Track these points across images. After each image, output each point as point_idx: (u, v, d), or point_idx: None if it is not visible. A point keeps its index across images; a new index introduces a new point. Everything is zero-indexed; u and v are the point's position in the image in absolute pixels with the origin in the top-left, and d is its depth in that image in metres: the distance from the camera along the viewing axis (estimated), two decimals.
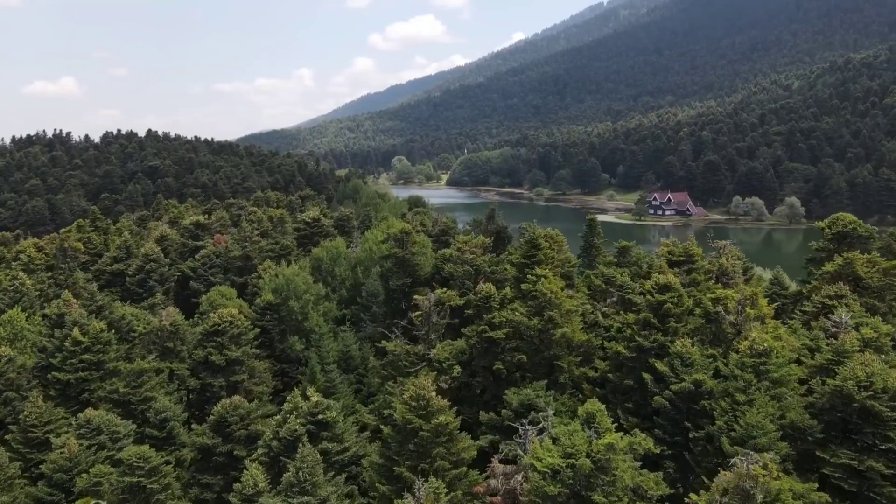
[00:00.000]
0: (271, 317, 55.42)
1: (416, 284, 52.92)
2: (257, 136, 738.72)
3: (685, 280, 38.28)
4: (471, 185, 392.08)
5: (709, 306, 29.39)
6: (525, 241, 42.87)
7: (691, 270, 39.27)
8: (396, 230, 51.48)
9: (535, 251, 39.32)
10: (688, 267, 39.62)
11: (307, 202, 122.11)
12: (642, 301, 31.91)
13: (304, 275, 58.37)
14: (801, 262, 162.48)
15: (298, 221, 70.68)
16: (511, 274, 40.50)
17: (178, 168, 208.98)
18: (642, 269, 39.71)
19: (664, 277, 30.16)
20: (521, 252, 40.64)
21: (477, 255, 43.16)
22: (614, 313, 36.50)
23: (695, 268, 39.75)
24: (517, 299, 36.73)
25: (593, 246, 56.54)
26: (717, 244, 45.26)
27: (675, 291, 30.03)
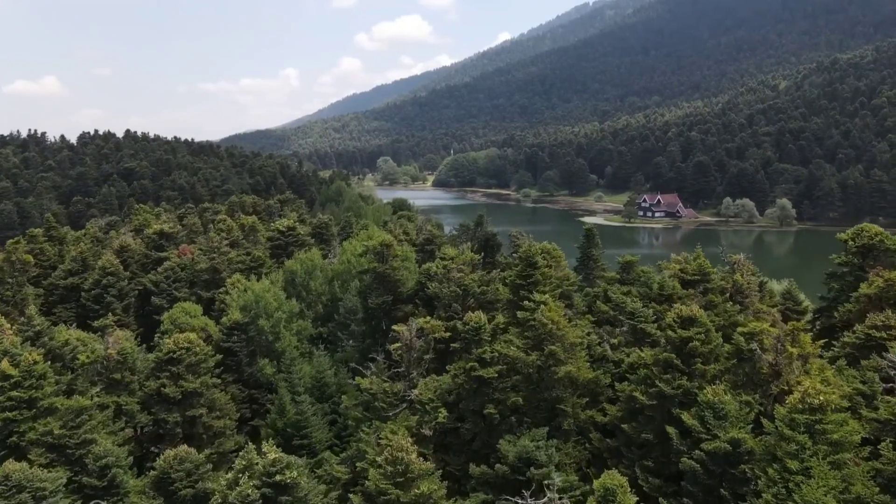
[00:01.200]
0: (239, 337, 50.29)
1: (397, 302, 48.08)
2: (242, 136, 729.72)
3: (701, 302, 33.79)
4: (457, 186, 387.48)
5: (741, 343, 25.01)
6: (519, 257, 38.16)
7: (707, 290, 34.86)
8: (376, 242, 46.56)
9: (531, 270, 34.69)
10: (703, 287, 35.20)
11: (286, 206, 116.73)
12: (661, 335, 27.26)
13: (276, 290, 53.29)
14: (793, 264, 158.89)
15: (272, 230, 65.55)
16: (504, 296, 35.88)
17: (154, 170, 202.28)
18: (652, 289, 35.27)
19: (687, 308, 25.69)
20: (515, 271, 35.96)
21: (465, 274, 38.43)
22: (624, 344, 31.92)
23: (710, 287, 35.32)
24: (511, 325, 32.08)
25: (591, 258, 52.03)
26: (730, 258, 40.81)
27: (701, 326, 25.51)
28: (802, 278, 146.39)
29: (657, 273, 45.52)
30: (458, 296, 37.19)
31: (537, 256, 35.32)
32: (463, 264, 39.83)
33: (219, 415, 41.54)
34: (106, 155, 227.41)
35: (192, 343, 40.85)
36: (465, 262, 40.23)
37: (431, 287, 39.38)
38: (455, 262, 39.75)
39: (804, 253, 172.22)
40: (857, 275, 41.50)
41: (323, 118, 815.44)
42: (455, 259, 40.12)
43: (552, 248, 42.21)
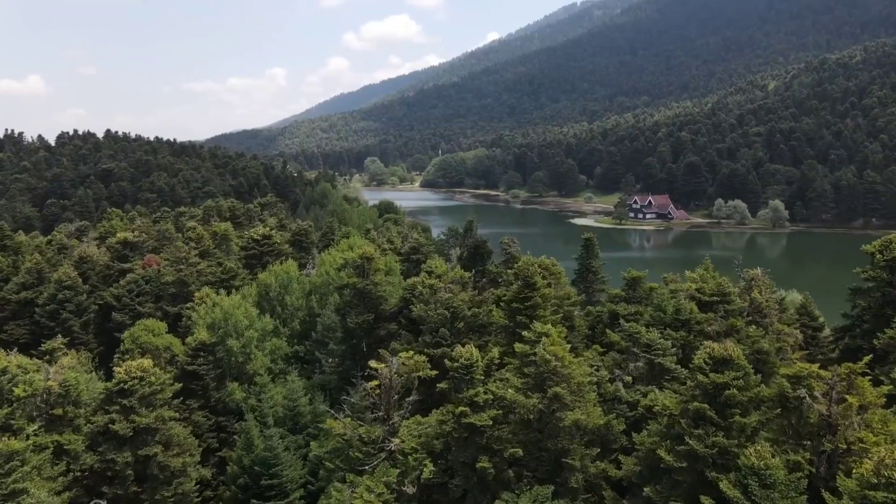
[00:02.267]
0: (205, 359, 45.68)
1: (380, 320, 43.74)
2: (228, 136, 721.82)
3: (722, 327, 29.80)
4: (445, 186, 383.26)
5: (786, 388, 21.02)
6: (515, 273, 33.95)
7: (727, 314, 30.90)
8: (355, 255, 42.18)
9: (530, 292, 30.54)
10: (723, 309, 31.24)
11: (267, 210, 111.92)
12: (687, 375, 23.10)
13: (247, 306, 48.75)
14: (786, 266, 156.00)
15: (246, 238, 60.86)
16: (499, 320, 31.70)
17: (134, 171, 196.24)
18: (667, 313, 31.22)
19: (721, 348, 21.62)
20: (512, 292, 31.75)
21: (454, 294, 34.19)
22: (639, 381, 27.82)
23: (731, 310, 31.35)
24: (508, 358, 27.86)
25: (591, 269, 47.98)
26: (747, 273, 36.84)
27: (738, 369, 21.42)
28: (800, 281, 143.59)
29: (663, 287, 41.47)
30: (445, 319, 32.96)
31: (536, 276, 31.15)
32: (451, 282, 35.59)
33: (177, 451, 36.90)
34: (84, 156, 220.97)
35: (147, 371, 36.23)
36: (454, 280, 36.00)
37: (416, 309, 35.09)
38: (442, 280, 35.50)
39: (798, 255, 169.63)
40: (884, 291, 37.64)
41: (310, 118, 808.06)
42: (442, 277, 35.87)
43: (551, 264, 38.04)
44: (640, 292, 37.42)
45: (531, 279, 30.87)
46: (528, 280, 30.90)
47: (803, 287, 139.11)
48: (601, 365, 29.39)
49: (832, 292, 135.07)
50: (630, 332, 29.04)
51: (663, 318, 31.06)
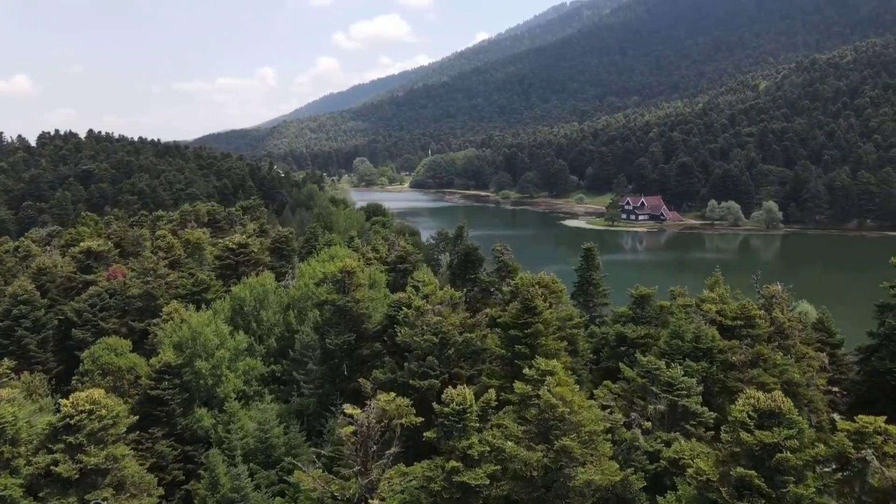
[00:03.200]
0: (170, 383, 41.68)
1: (362, 340, 39.85)
2: (216, 136, 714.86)
3: (748, 357, 26.29)
4: (435, 187, 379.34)
5: (847, 448, 17.53)
6: (511, 292, 30.21)
7: (753, 339, 27.41)
8: (335, 269, 38.32)
9: (530, 317, 26.88)
10: (747, 334, 27.74)
11: (249, 214, 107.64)
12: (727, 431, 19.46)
13: (218, 323, 44.76)
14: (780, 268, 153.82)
15: (220, 247, 56.68)
16: (495, 349, 28.02)
17: (115, 172, 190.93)
18: (684, 339, 27.60)
19: (767, 398, 18.00)
20: (510, 316, 28.04)
21: (444, 318, 30.41)
22: (659, 425, 24.23)
23: (756, 335, 27.84)
24: (505, 390, 24.16)
25: (591, 282, 44.34)
26: (766, 290, 33.31)
27: (791, 425, 17.77)
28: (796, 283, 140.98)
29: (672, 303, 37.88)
30: (434, 346, 29.21)
31: (537, 299, 27.45)
32: (440, 303, 31.81)
33: (132, 494, 32.86)
34: (64, 156, 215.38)
35: (97, 403, 32.12)
36: (443, 301, 32.21)
37: (401, 334, 31.28)
38: (430, 300, 31.72)
39: (792, 257, 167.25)
40: None
41: (299, 118, 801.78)
42: (430, 297, 32.10)
43: (551, 281, 34.34)
44: (650, 311, 33.82)
45: (531, 302, 27.18)
46: (528, 303, 27.22)
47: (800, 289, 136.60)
48: (614, 405, 25.75)
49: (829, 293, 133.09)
50: (648, 368, 25.45)
51: (681, 346, 27.46)
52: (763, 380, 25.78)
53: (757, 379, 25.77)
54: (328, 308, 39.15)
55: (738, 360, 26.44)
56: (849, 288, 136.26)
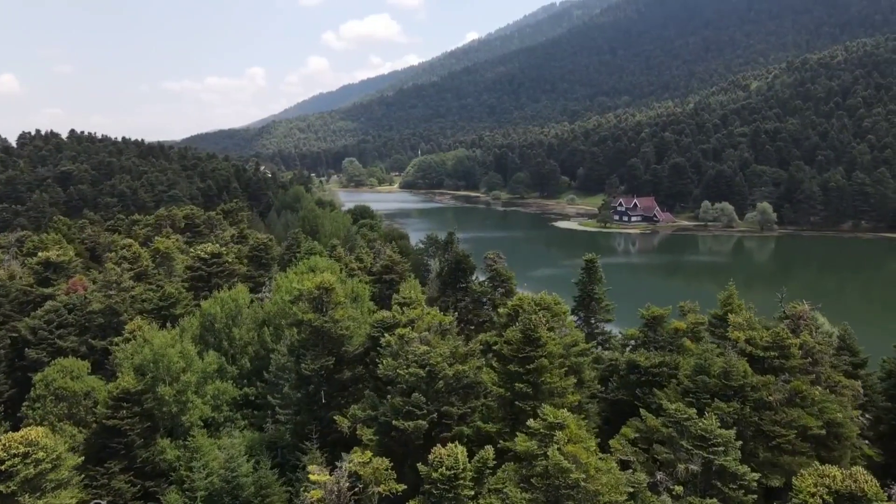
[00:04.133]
0: (129, 411, 37.66)
1: (341, 363, 35.97)
2: (204, 136, 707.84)
3: (784, 394, 22.75)
4: (425, 188, 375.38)
5: None
6: (508, 314, 26.40)
7: (788, 372, 23.88)
8: (311, 285, 34.45)
9: (532, 350, 23.20)
10: (780, 365, 24.22)
11: (230, 218, 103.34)
12: None
13: (185, 344, 40.70)
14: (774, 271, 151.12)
15: (192, 257, 52.47)
16: (492, 385, 24.32)
17: (95, 173, 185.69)
18: (711, 375, 23.96)
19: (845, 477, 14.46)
20: (510, 349, 24.33)
21: (432, 347, 26.63)
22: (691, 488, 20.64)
23: (789, 366, 24.32)
24: (504, 438, 20.44)
25: (593, 296, 40.71)
26: (793, 309, 29.76)
27: None
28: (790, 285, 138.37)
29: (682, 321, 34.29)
30: (420, 380, 25.47)
31: (540, 328, 23.74)
32: (427, 329, 28.02)
33: None
34: (44, 157, 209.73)
35: (34, 444, 28.19)
36: (432, 327, 28.41)
37: (383, 366, 27.46)
38: (417, 326, 27.94)
39: (787, 259, 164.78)
40: None
41: (287, 118, 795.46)
42: (417, 322, 28.31)
43: (553, 301, 30.63)
44: (663, 335, 30.19)
45: (534, 332, 23.47)
46: (530, 333, 23.52)
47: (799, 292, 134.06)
48: (634, 460, 22.09)
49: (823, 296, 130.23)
50: (676, 417, 21.78)
51: (707, 382, 23.84)
52: (805, 423, 22.31)
53: (798, 422, 22.29)
54: (304, 328, 35.24)
55: (774, 401, 22.96)
56: (843, 290, 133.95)
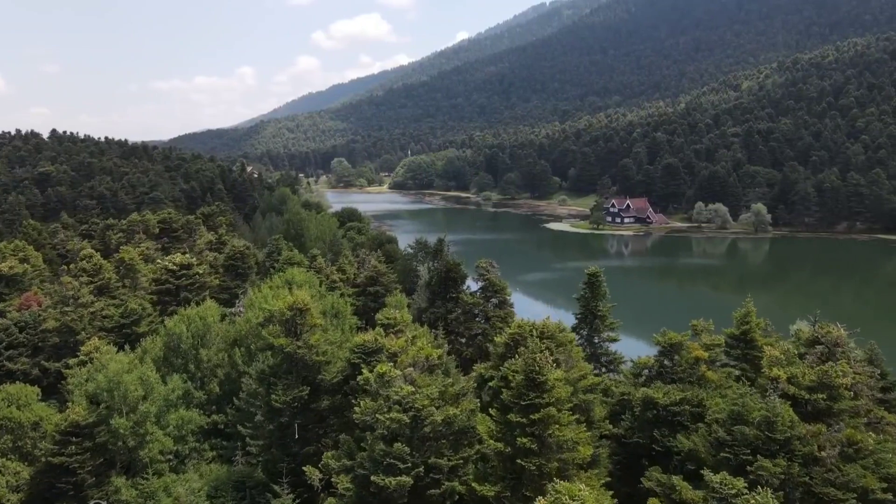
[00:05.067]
0: (79, 446, 33.66)
1: (318, 393, 32.12)
2: (193, 136, 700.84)
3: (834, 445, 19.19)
4: (415, 188, 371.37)
5: None
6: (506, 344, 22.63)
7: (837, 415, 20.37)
8: (283, 306, 30.56)
9: (538, 396, 19.48)
10: (827, 408, 20.71)
11: (211, 220, 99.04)
12: None
13: (144, 368, 36.63)
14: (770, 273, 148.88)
15: (159, 269, 48.25)
16: (489, 439, 20.57)
17: (75, 175, 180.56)
18: (750, 423, 20.27)
19: None
20: (510, 393, 20.54)
21: (419, 387, 22.83)
22: None
23: (838, 409, 20.77)
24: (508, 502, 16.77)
25: (596, 313, 37.04)
26: (826, 332, 26.20)
27: None
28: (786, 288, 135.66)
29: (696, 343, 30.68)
30: (404, 426, 21.70)
31: (545, 368, 19.98)
32: (412, 365, 24.20)
33: None
34: (23, 158, 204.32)
35: None
36: (417, 362, 24.56)
37: (359, 410, 23.62)
38: (401, 360, 24.13)
39: (782, 262, 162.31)
40: None
41: (276, 118, 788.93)
42: (400, 356, 24.49)
43: (557, 329, 26.88)
44: (681, 364, 26.55)
45: (539, 374, 19.71)
46: (535, 376, 19.78)
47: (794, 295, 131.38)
48: None
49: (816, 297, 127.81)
50: (723, 493, 18.03)
51: (746, 434, 20.17)
52: (866, 484, 18.77)
53: (856, 483, 18.77)
54: (275, 354, 31.31)
55: (827, 457, 19.40)
56: (839, 292, 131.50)
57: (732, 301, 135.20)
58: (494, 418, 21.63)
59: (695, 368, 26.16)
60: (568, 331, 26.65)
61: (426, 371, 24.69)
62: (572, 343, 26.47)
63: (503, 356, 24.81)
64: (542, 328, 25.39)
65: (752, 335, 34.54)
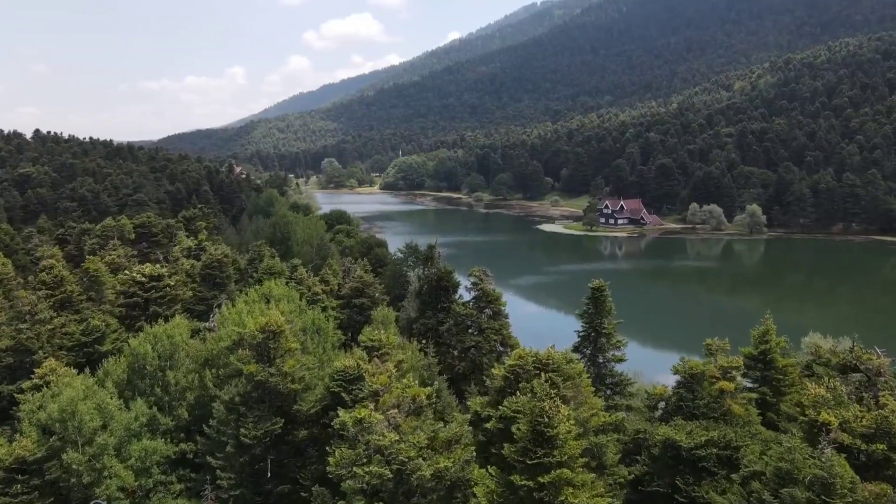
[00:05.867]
0: (26, 485, 30.20)
1: (292, 424, 28.79)
2: (182, 136, 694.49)
3: None
4: (406, 189, 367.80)
5: None
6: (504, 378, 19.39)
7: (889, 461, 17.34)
8: (254, 328, 27.20)
9: (546, 453, 16.23)
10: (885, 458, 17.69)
11: (193, 224, 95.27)
12: None
13: (103, 395, 33.15)
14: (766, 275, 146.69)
15: (126, 280, 44.49)
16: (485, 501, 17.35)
17: (57, 176, 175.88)
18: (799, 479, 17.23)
19: None
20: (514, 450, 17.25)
21: (403, 433, 19.50)
22: None
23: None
24: None
25: (602, 332, 33.81)
26: (869, 361, 23.12)
27: None
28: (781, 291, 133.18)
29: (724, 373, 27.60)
30: (385, 482, 18.45)
31: (556, 417, 16.67)
32: (396, 406, 20.82)
33: None
34: (3, 158, 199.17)
35: None
36: (402, 403, 21.18)
37: (333, 461, 20.30)
38: (383, 401, 20.82)
39: (777, 263, 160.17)
40: None
41: (266, 118, 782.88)
42: (383, 396, 21.17)
43: (563, 359, 23.60)
44: (703, 396, 23.41)
45: (549, 427, 16.43)
46: (543, 430, 16.52)
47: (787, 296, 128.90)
48: None
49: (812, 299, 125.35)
50: None
51: (797, 497, 17.01)
52: None
53: None
54: (247, 383, 27.91)
55: None
56: (835, 294, 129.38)
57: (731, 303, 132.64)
58: (494, 477, 18.38)
59: (719, 402, 23.08)
60: (576, 361, 23.32)
61: (412, 413, 21.35)
62: (581, 375, 23.22)
63: (502, 391, 21.63)
64: (546, 359, 22.16)
65: (773, 356, 31.51)
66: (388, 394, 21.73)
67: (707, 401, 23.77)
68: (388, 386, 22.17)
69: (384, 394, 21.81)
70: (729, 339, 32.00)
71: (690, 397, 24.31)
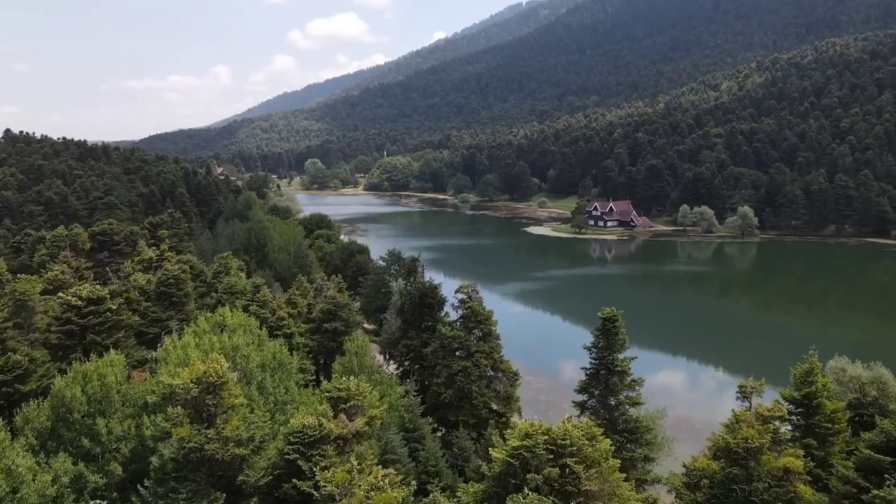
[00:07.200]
0: None
1: (237, 497, 23.11)
2: (164, 136, 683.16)
3: None
4: (391, 190, 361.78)
5: None
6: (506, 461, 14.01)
7: None
8: (186, 379, 21.64)
9: None
10: None
11: (160, 230, 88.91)
12: None
13: (11, 455, 27.27)
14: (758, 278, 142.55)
15: (60, 304, 38.41)
16: None
17: (24, 178, 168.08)
18: None
19: None
20: None
21: None
22: None
23: None
24: None
25: (614, 369, 28.52)
26: None
27: None
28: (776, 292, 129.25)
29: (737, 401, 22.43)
30: None
31: None
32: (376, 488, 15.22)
33: None
34: None
35: None
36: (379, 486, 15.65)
37: None
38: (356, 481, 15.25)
39: (769, 266, 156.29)
40: None
41: (250, 118, 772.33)
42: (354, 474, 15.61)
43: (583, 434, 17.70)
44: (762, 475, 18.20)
45: None
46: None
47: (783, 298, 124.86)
48: None
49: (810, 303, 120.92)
50: None
51: None
52: None
53: None
54: (179, 448, 22.23)
55: None
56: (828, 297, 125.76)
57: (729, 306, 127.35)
58: None
59: (783, 484, 17.94)
60: (600, 437, 18.03)
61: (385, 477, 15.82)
62: (608, 456, 17.76)
63: (502, 479, 16.30)
64: (561, 437, 16.76)
65: (819, 400, 26.40)
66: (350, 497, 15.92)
67: (767, 482, 18.62)
68: (347, 488, 16.42)
69: (341, 499, 16.11)
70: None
71: (744, 476, 19.09)
